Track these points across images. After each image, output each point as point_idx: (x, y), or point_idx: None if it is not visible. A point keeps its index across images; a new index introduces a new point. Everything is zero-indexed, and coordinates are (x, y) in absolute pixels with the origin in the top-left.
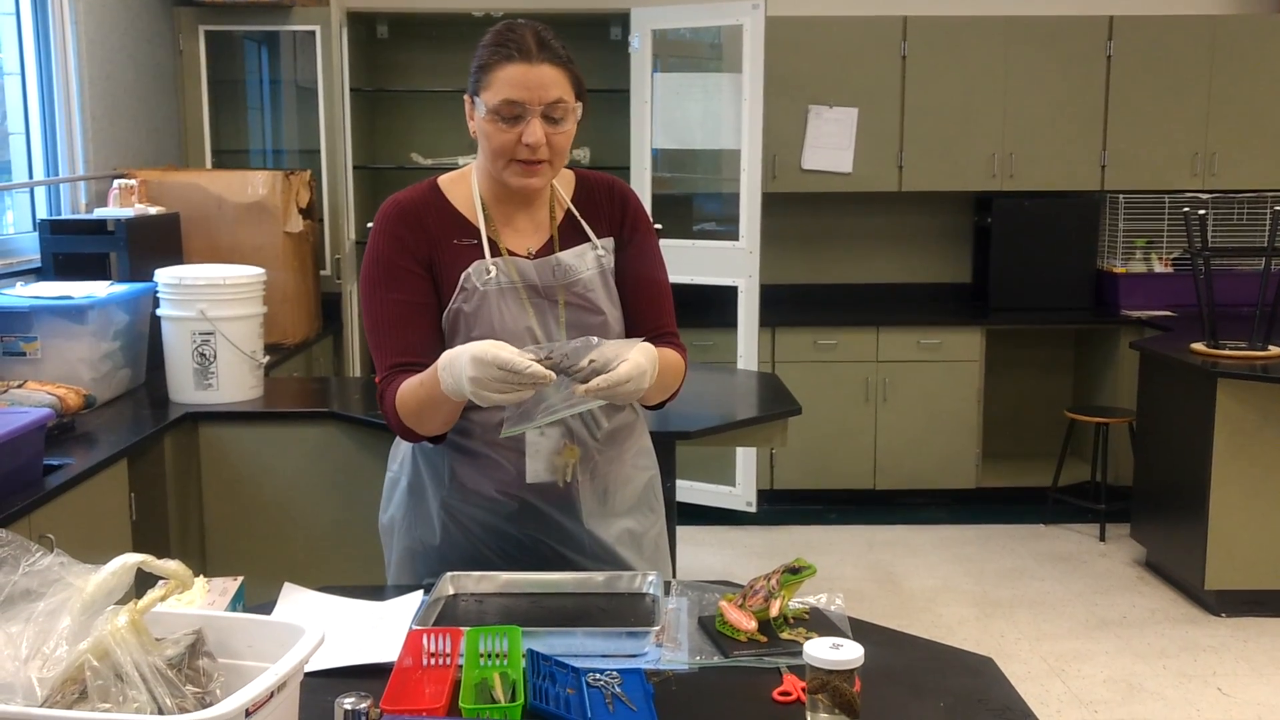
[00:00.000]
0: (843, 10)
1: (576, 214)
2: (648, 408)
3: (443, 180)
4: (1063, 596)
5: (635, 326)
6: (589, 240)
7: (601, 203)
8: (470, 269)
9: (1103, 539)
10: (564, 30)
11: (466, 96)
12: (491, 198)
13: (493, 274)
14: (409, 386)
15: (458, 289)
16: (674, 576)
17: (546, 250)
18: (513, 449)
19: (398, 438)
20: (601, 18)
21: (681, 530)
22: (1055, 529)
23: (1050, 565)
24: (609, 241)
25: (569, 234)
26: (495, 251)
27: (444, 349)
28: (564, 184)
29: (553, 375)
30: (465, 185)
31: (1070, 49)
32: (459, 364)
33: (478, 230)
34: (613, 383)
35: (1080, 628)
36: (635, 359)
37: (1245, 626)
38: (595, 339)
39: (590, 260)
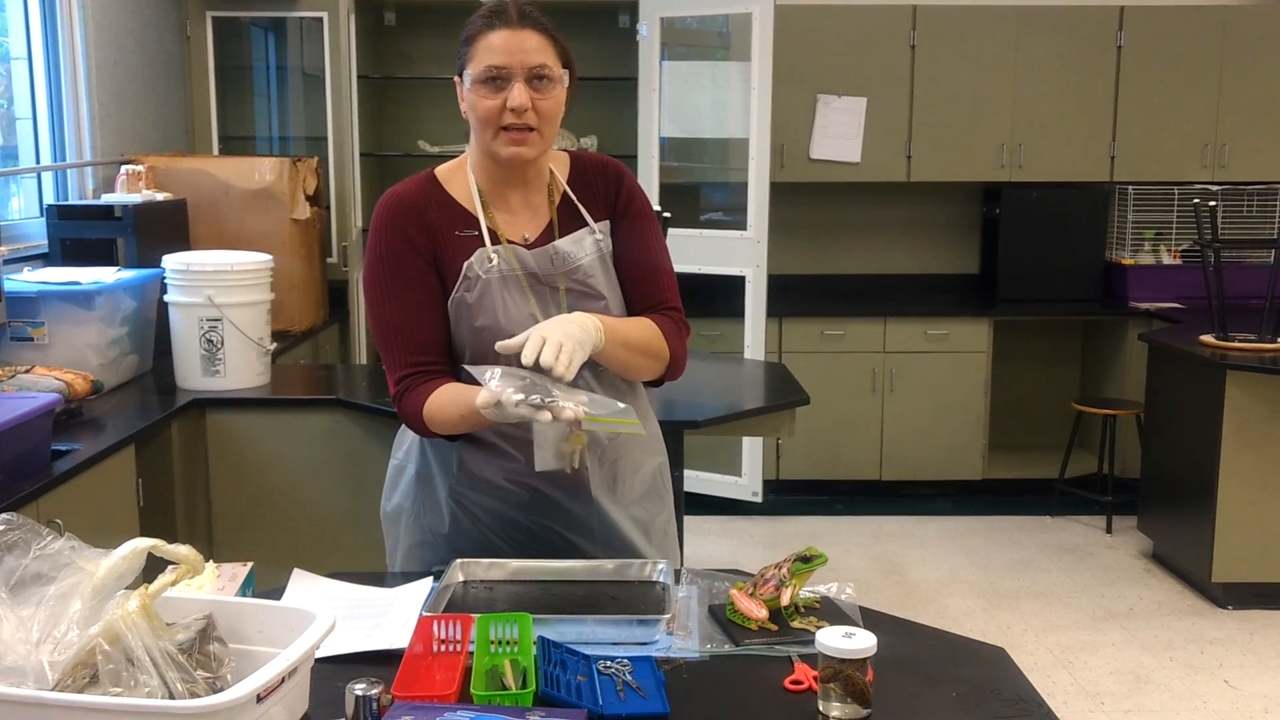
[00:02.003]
0: None
1: (573, 197)
2: (648, 385)
3: (439, 171)
4: (1069, 588)
5: (634, 304)
6: (586, 225)
7: (596, 183)
8: (473, 258)
9: (1109, 531)
10: (572, 18)
11: (456, 77)
12: (488, 183)
13: (494, 262)
14: (445, 415)
15: (460, 278)
16: (681, 565)
17: (547, 234)
18: (520, 438)
19: (403, 426)
20: (610, 6)
21: (688, 520)
22: (1062, 521)
23: (1057, 557)
24: (605, 224)
25: (567, 218)
26: (495, 240)
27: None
28: (560, 166)
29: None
30: (462, 175)
31: (1080, 39)
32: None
33: (477, 220)
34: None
35: (1087, 619)
36: (543, 331)
37: (1252, 619)
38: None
39: (589, 246)
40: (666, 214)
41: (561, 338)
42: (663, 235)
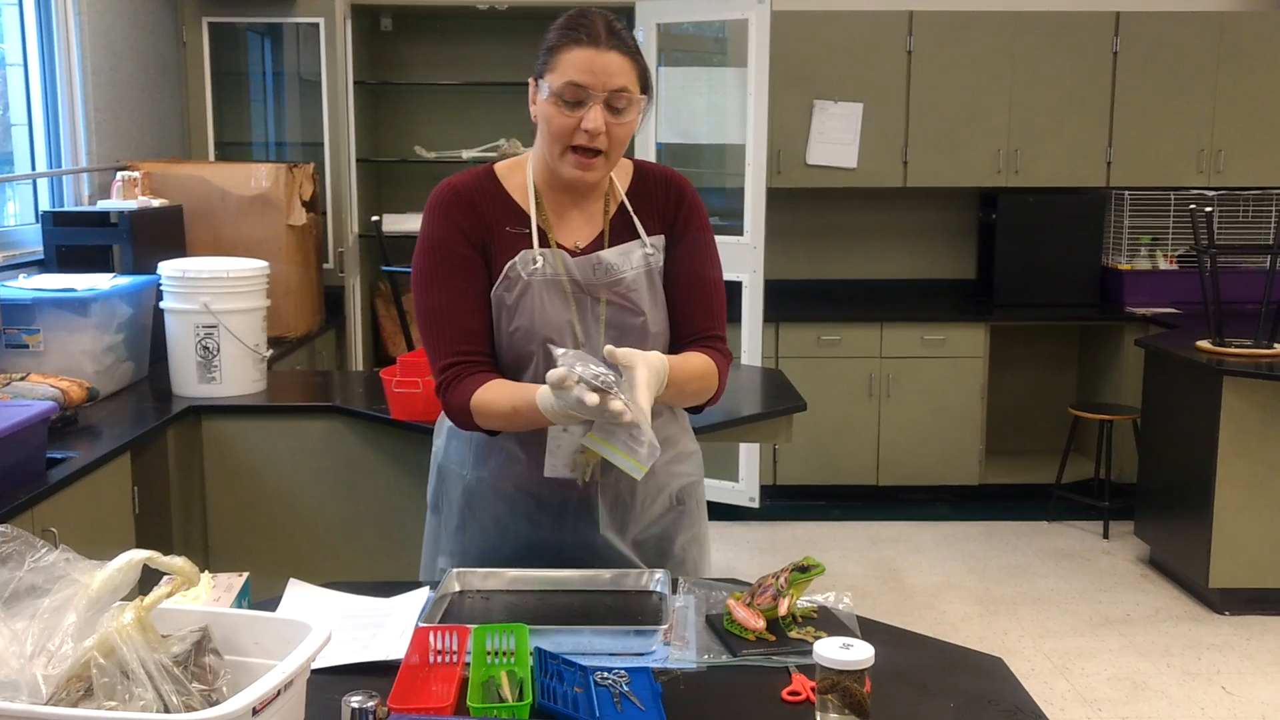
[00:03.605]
0: (848, 4)
1: (630, 208)
2: (688, 410)
3: (499, 167)
4: (1066, 594)
5: (680, 326)
6: (639, 237)
7: (656, 196)
8: (517, 258)
9: (1106, 536)
10: None
11: (531, 79)
12: (546, 187)
13: (539, 265)
14: (497, 408)
15: (502, 276)
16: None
17: (597, 243)
18: (537, 444)
19: (441, 417)
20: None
21: None
22: (1059, 526)
23: (1054, 562)
24: (659, 239)
25: (620, 228)
26: (544, 243)
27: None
28: (621, 174)
29: (625, 410)
30: (521, 173)
31: (1076, 44)
32: (558, 414)
33: (529, 219)
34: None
35: (1084, 625)
36: (643, 375)
37: (1249, 625)
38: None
39: (637, 259)
40: None
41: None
42: (718, 257)
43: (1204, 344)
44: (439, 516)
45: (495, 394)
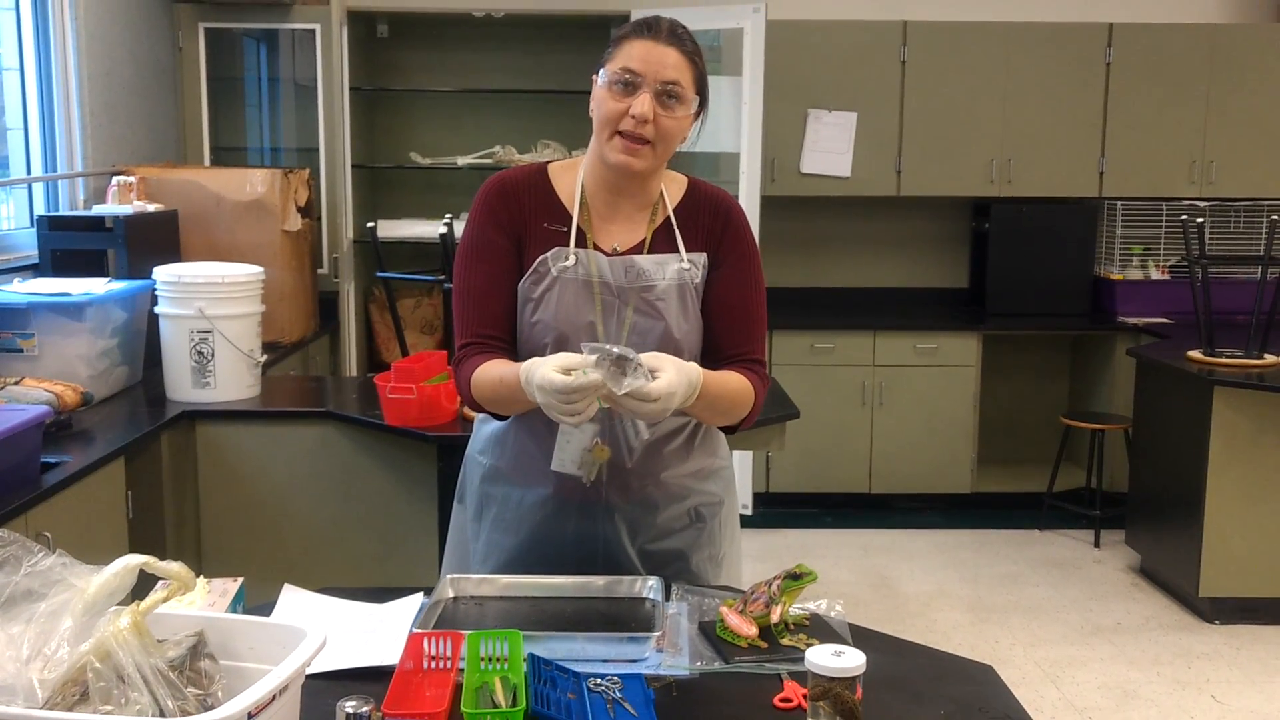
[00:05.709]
0: (843, 14)
1: (675, 222)
2: (722, 430)
3: (553, 166)
4: (1057, 602)
5: (718, 347)
6: (678, 251)
7: (703, 215)
8: (549, 254)
9: (1097, 545)
10: (563, 30)
11: (594, 75)
12: (595, 187)
13: (571, 263)
14: (488, 377)
15: (531, 270)
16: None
17: (636, 251)
18: (551, 438)
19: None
20: (602, 19)
21: None
22: (1050, 535)
23: (1045, 571)
24: (700, 256)
25: (663, 240)
26: (581, 243)
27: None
28: (674, 189)
29: (599, 381)
30: (572, 173)
31: (1070, 56)
32: (531, 386)
33: (571, 218)
34: (640, 395)
35: (1075, 634)
36: (670, 378)
37: (1239, 634)
38: (634, 355)
39: (671, 271)
40: None
41: (682, 398)
42: (763, 282)
43: (1195, 354)
44: (463, 505)
45: (492, 368)
